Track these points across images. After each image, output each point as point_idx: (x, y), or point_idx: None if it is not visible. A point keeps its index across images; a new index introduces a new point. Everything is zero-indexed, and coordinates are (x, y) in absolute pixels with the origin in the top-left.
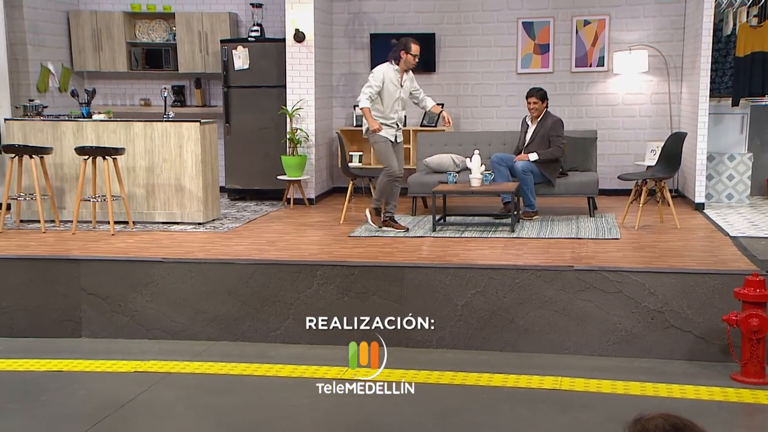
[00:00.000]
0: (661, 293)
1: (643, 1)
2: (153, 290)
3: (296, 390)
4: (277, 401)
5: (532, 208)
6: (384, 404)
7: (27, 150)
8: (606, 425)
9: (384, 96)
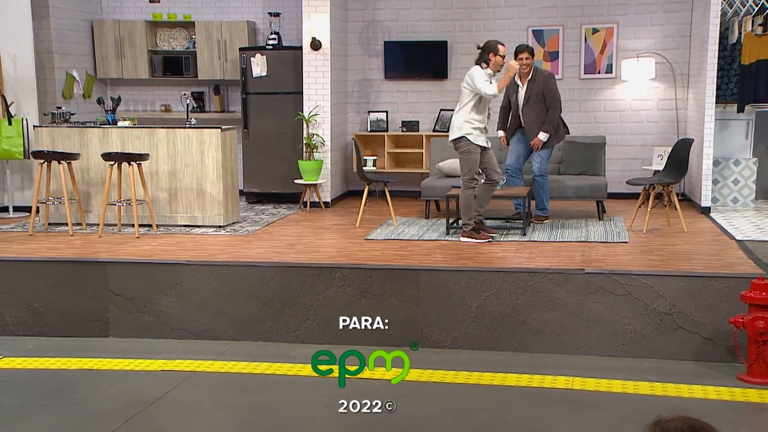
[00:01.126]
0: (669, 296)
1: (650, 9)
2: (177, 292)
3: (317, 389)
4: (300, 400)
5: (545, 212)
6: (403, 403)
7: (55, 156)
8: (618, 425)
9: (482, 102)
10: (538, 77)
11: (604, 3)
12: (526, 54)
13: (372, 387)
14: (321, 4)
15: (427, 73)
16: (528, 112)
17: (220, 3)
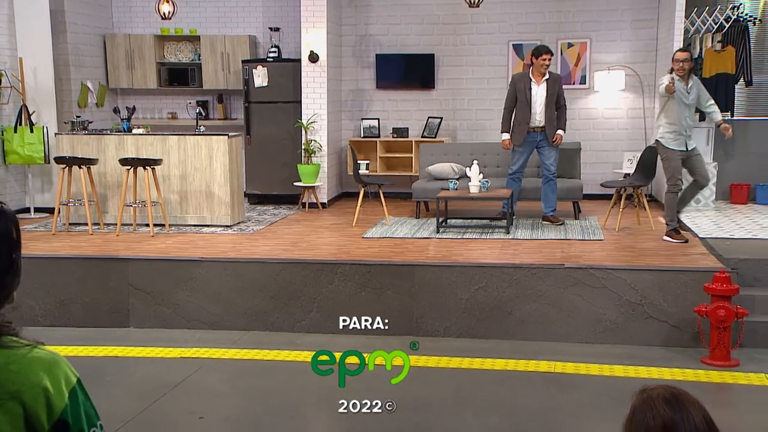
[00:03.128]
0: (640, 288)
1: (620, 26)
2: (192, 286)
3: None
4: (307, 383)
5: (555, 211)
6: (402, 384)
7: (75, 161)
8: (595, 402)
9: (670, 105)
10: (552, 77)
11: (578, 20)
12: (549, 55)
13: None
14: (318, 20)
15: (416, 83)
16: (547, 111)
17: (223, 18)
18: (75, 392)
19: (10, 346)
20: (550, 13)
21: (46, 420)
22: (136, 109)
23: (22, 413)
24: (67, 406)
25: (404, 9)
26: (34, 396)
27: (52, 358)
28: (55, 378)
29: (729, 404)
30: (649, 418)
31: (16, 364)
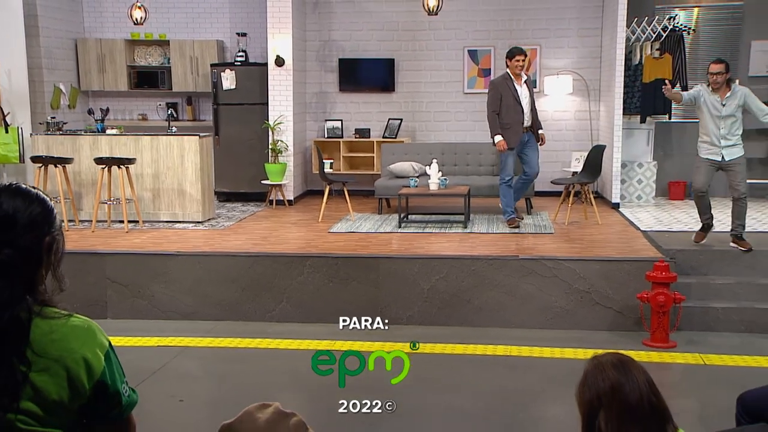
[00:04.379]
0: (588, 277)
1: (567, 34)
2: (167, 279)
3: (294, 359)
4: (279, 368)
5: None
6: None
7: (51, 160)
8: (547, 382)
9: (703, 117)
10: (529, 79)
11: (529, 27)
12: (523, 56)
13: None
14: (284, 26)
15: (377, 86)
16: (529, 112)
17: (192, 24)
18: (109, 355)
19: (51, 317)
20: (502, 21)
21: (87, 381)
22: (109, 110)
23: (66, 375)
24: (105, 368)
25: (366, 16)
26: (75, 360)
27: (88, 326)
28: (92, 344)
29: (668, 382)
30: (599, 380)
31: (57, 332)
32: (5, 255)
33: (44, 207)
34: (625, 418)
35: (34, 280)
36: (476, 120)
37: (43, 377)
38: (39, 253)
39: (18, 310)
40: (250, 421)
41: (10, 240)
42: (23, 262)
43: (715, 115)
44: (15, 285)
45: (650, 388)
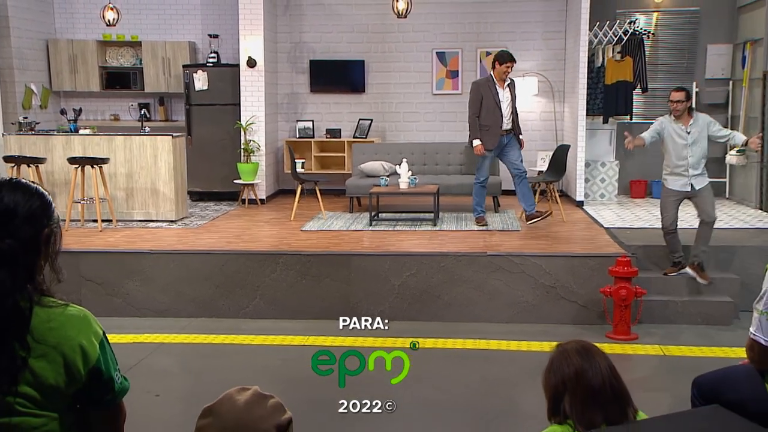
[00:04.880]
0: (553, 272)
1: (532, 37)
2: (142, 276)
3: (268, 354)
4: (253, 363)
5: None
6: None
7: (24, 160)
8: (515, 374)
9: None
10: (511, 82)
11: (495, 30)
12: (513, 63)
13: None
14: (255, 28)
15: (347, 87)
16: (510, 115)
17: (164, 25)
18: (103, 343)
19: (49, 306)
20: (469, 24)
21: (82, 367)
22: (82, 110)
23: (62, 361)
24: (99, 356)
25: (336, 18)
26: (71, 347)
27: (84, 316)
28: (87, 332)
29: (630, 372)
30: (564, 366)
31: (55, 321)
32: (7, 245)
33: (43, 200)
34: (588, 401)
35: (34, 271)
36: (445, 120)
37: (41, 363)
38: (38, 244)
39: (20, 298)
40: (230, 402)
41: (11, 232)
42: (23, 253)
43: (681, 144)
44: (17, 274)
45: (611, 373)
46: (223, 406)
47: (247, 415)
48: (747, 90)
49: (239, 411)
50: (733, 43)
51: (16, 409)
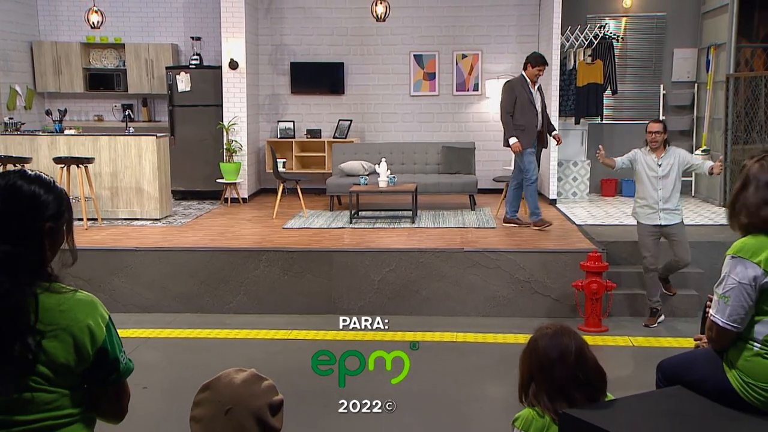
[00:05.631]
0: (528, 267)
1: (506, 40)
2: (128, 273)
3: (253, 348)
4: (237, 356)
5: None
6: None
7: (10, 160)
8: (491, 364)
9: (636, 177)
10: (540, 85)
11: (471, 34)
12: (545, 67)
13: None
14: (237, 30)
15: (327, 89)
16: (541, 116)
17: (147, 28)
18: (109, 326)
19: (59, 291)
20: (446, 27)
21: (90, 347)
22: (67, 111)
23: (72, 342)
24: (106, 337)
25: (316, 21)
26: (80, 329)
27: (91, 300)
28: (94, 315)
29: (600, 362)
30: (540, 346)
31: (65, 305)
32: (1, 252)
33: (55, 195)
34: (561, 380)
35: (38, 266)
36: (422, 121)
37: (53, 343)
38: (41, 236)
39: (21, 296)
40: (227, 379)
41: (15, 223)
42: (24, 251)
43: (652, 176)
44: (17, 275)
45: (579, 362)
46: (221, 381)
47: (242, 391)
48: (711, 92)
49: (235, 387)
50: (698, 48)
51: (31, 386)
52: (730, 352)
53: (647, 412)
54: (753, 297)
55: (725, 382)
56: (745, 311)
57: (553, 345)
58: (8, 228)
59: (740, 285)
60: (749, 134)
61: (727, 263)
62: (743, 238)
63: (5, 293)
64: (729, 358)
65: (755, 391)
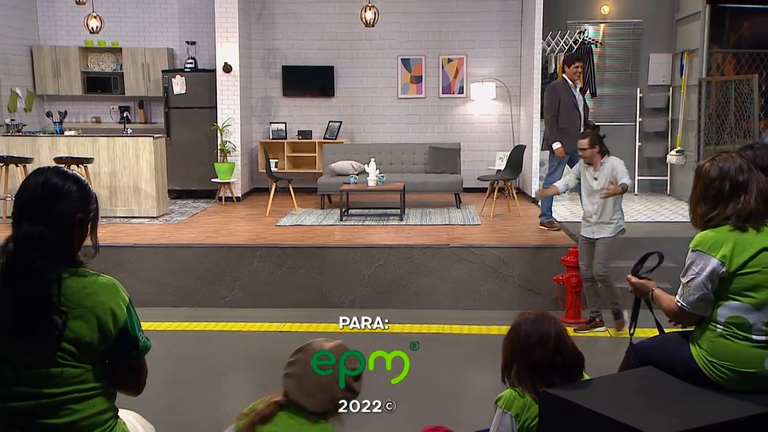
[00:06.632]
0: (511, 262)
1: (490, 45)
2: (127, 269)
3: (248, 340)
4: (233, 348)
5: None
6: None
7: (12, 160)
8: (476, 354)
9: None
10: (580, 87)
11: (456, 39)
12: (581, 63)
13: None
14: (231, 35)
15: (318, 91)
16: (585, 117)
17: (143, 32)
18: (129, 308)
19: (84, 275)
20: (432, 32)
21: (113, 327)
22: (67, 113)
23: (96, 322)
24: (126, 318)
25: (306, 26)
26: (104, 310)
27: (113, 284)
28: (116, 298)
29: None
30: (522, 330)
31: (89, 288)
32: (38, 231)
33: (82, 190)
34: (540, 362)
35: (66, 250)
36: (409, 123)
37: (79, 323)
38: (71, 225)
39: (48, 275)
40: (318, 345)
41: (50, 209)
42: (55, 236)
43: (589, 189)
44: (46, 256)
45: (557, 345)
46: (312, 346)
47: None
48: (685, 95)
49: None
50: (672, 53)
51: (59, 362)
52: (695, 334)
53: (620, 390)
54: (712, 286)
55: (692, 362)
56: (706, 299)
57: (534, 330)
58: (43, 216)
59: (699, 276)
60: (720, 135)
61: (689, 255)
62: (703, 231)
63: (37, 270)
64: (695, 340)
65: (719, 369)
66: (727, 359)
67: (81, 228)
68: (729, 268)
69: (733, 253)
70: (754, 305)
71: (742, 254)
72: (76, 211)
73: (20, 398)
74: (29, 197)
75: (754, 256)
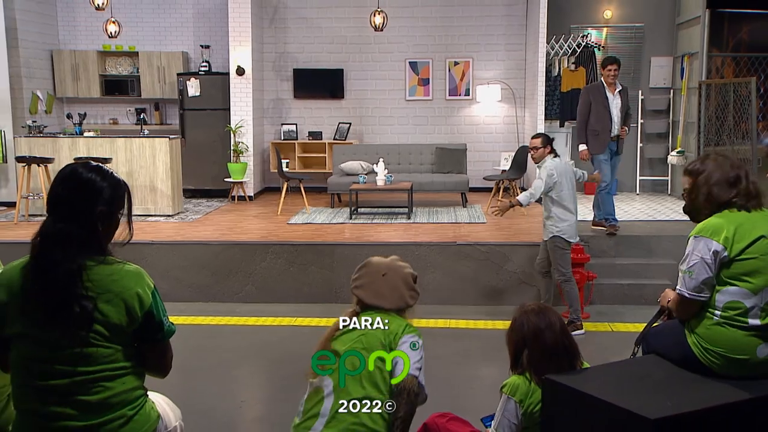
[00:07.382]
0: (516, 260)
1: (496, 48)
2: (144, 264)
3: (260, 334)
4: (246, 341)
5: None
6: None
7: (34, 160)
8: (480, 348)
9: None
10: (624, 89)
11: (462, 42)
12: (615, 65)
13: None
14: (244, 39)
15: (328, 93)
16: (619, 121)
17: (158, 36)
18: (154, 294)
19: (111, 263)
20: (439, 36)
21: (139, 311)
22: (87, 115)
23: (124, 306)
24: (152, 302)
25: (317, 30)
26: (131, 295)
27: (139, 271)
28: (142, 284)
29: (582, 345)
30: (524, 325)
31: (117, 274)
32: (58, 228)
33: (112, 185)
34: (544, 355)
35: (94, 241)
36: (417, 124)
37: (108, 307)
38: (93, 219)
39: (69, 266)
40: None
41: (71, 205)
42: (80, 228)
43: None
44: (67, 250)
45: (563, 331)
46: (373, 260)
47: (392, 263)
48: (685, 98)
49: (387, 261)
50: (673, 56)
51: (92, 342)
52: (692, 322)
53: (618, 376)
54: (714, 269)
55: (687, 349)
56: (708, 283)
57: (541, 318)
58: (65, 209)
59: (702, 260)
60: (720, 137)
61: (690, 243)
62: (705, 220)
63: (56, 263)
64: (691, 328)
65: (712, 355)
66: (721, 346)
67: (106, 220)
68: (730, 252)
69: (734, 238)
70: (751, 290)
71: (742, 241)
72: (99, 205)
73: (57, 376)
74: (52, 193)
75: (752, 243)
